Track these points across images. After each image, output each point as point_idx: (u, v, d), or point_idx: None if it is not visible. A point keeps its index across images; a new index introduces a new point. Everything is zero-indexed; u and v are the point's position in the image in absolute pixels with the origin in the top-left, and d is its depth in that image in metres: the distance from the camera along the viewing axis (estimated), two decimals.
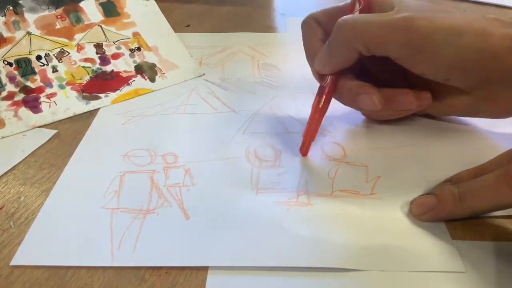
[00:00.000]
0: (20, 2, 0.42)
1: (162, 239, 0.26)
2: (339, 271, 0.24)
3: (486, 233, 0.26)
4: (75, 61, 0.41)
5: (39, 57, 0.40)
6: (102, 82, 0.40)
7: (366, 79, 0.31)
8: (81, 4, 0.44)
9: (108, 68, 0.42)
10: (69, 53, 0.42)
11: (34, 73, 0.40)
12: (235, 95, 0.39)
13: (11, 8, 0.42)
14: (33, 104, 0.37)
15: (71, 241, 0.26)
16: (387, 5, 0.29)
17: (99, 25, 0.44)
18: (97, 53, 0.42)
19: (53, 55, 0.41)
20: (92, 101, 0.38)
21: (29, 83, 0.39)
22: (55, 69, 0.40)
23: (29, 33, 0.41)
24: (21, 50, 0.40)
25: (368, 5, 0.31)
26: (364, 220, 0.27)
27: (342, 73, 0.31)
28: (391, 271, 0.24)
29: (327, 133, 0.34)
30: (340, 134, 0.34)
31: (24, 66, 0.40)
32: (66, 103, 0.38)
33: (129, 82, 0.41)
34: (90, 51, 0.42)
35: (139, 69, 0.42)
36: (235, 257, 0.24)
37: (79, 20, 0.44)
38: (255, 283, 0.23)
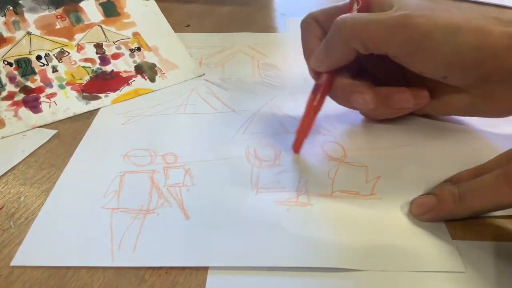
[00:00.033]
0: (20, 2, 0.42)
1: (162, 239, 0.26)
2: (339, 271, 0.24)
3: (486, 233, 0.26)
4: (75, 61, 0.41)
5: (39, 57, 0.40)
6: (102, 82, 0.40)
7: (365, 78, 0.31)
8: (81, 4, 0.44)
9: (108, 68, 0.42)
10: (69, 53, 0.42)
11: (34, 73, 0.40)
12: (235, 95, 0.39)
13: (11, 8, 0.41)
14: (33, 104, 0.37)
15: (71, 241, 0.26)
16: (387, 4, 0.29)
17: (99, 25, 0.44)
18: (97, 53, 0.42)
19: (53, 55, 0.41)
20: (92, 101, 0.38)
21: (29, 83, 0.39)
22: (55, 69, 0.40)
23: (29, 33, 0.41)
24: (21, 50, 0.40)
25: (366, 5, 0.31)
26: (364, 220, 0.27)
27: (338, 71, 0.31)
28: (391, 271, 0.24)
29: (327, 132, 0.34)
30: (340, 134, 0.34)
31: (24, 66, 0.40)
32: (66, 103, 0.38)
33: (129, 82, 0.41)
34: (90, 51, 0.42)
35: (139, 69, 0.42)
36: (235, 257, 0.24)
37: (79, 20, 0.44)
38: (255, 283, 0.23)
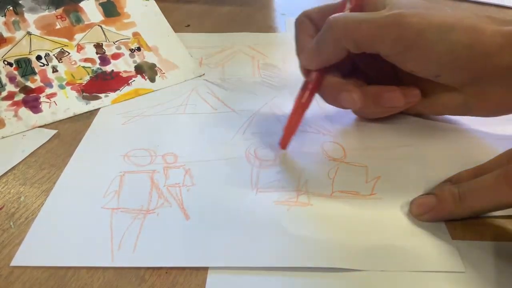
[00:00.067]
0: (20, 2, 0.42)
1: (162, 239, 0.26)
2: (339, 271, 0.24)
3: (486, 233, 0.26)
4: (75, 61, 0.41)
5: (39, 57, 0.40)
6: (102, 82, 0.40)
7: (357, 77, 0.31)
8: (81, 4, 0.44)
9: (108, 68, 0.42)
10: (69, 53, 0.42)
11: (34, 73, 0.40)
12: (235, 95, 0.39)
13: (11, 8, 0.41)
14: (33, 104, 0.37)
15: (71, 241, 0.26)
16: (380, 4, 0.29)
17: (99, 25, 0.44)
18: (97, 53, 0.42)
19: (53, 55, 0.41)
20: (92, 101, 0.38)
21: (29, 83, 0.39)
22: (55, 69, 0.40)
23: (29, 33, 0.41)
24: (21, 50, 0.40)
25: (359, 4, 0.31)
26: (364, 220, 0.27)
27: (328, 70, 0.31)
28: (391, 271, 0.24)
29: (327, 132, 0.34)
30: (340, 134, 0.34)
31: (24, 66, 0.40)
32: (66, 103, 0.38)
33: (129, 82, 0.41)
34: (90, 51, 0.42)
35: (139, 69, 0.42)
36: (235, 257, 0.24)
37: (79, 20, 0.44)
38: (255, 283, 0.23)
